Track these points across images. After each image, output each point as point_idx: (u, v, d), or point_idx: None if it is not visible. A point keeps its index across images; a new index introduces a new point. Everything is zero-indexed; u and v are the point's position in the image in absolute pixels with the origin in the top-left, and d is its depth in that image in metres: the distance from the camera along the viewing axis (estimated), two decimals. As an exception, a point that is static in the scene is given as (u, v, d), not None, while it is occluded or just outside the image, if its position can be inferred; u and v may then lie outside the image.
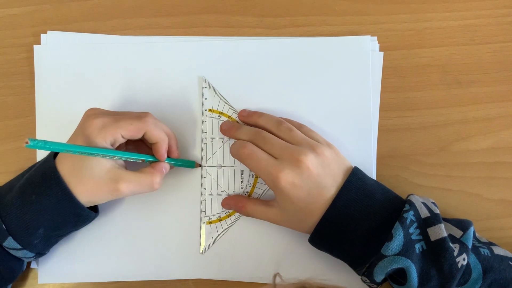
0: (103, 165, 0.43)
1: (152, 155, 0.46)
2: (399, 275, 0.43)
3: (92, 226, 0.49)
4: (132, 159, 0.45)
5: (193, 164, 0.50)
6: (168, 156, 0.47)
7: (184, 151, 0.51)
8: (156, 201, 0.51)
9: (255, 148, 0.45)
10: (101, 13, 0.53)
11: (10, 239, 0.43)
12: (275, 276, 0.33)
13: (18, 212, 0.43)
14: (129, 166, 0.46)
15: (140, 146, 0.49)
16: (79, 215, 0.45)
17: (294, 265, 0.50)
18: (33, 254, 0.45)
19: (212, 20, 0.53)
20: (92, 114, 0.44)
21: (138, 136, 0.45)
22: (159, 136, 0.45)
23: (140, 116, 0.45)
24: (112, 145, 0.44)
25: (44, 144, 0.39)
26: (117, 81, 0.52)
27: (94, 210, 0.47)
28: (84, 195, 0.44)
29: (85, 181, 0.43)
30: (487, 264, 0.43)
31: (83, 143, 0.43)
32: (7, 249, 0.44)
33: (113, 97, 0.51)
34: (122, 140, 0.44)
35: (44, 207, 0.43)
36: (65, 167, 0.43)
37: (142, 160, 0.46)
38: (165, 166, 0.46)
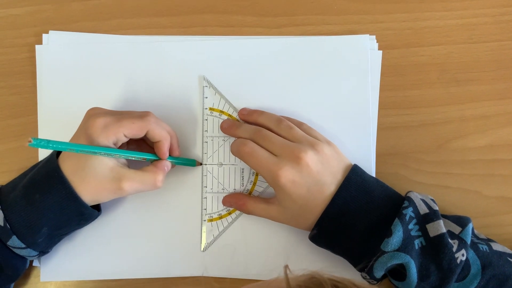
0: (106, 164, 0.44)
1: (154, 153, 0.47)
2: (399, 271, 0.43)
3: (94, 224, 0.49)
4: (135, 157, 0.45)
5: (194, 163, 0.51)
6: (169, 155, 0.47)
7: (185, 150, 0.51)
8: (158, 200, 0.51)
9: (255, 146, 0.46)
10: (102, 13, 0.53)
11: (14, 238, 0.43)
12: (286, 267, 0.33)
13: (22, 212, 0.43)
14: (131, 165, 0.47)
15: (141, 145, 0.49)
16: (83, 214, 0.45)
17: (295, 262, 0.50)
18: (36, 253, 0.46)
19: (212, 20, 0.53)
20: (94, 113, 0.45)
21: (140, 135, 0.45)
22: (161, 135, 0.46)
23: (142, 115, 0.45)
24: (114, 144, 0.44)
25: (47, 143, 0.39)
26: (118, 81, 0.52)
27: (97, 209, 0.47)
28: (88, 194, 0.44)
29: (89, 180, 0.43)
30: (486, 260, 0.43)
31: (85, 143, 0.43)
32: (11, 248, 0.44)
33: (115, 96, 0.52)
34: (125, 139, 0.45)
35: (48, 206, 0.43)
36: (68, 166, 0.44)
37: (144, 158, 0.46)
38: (167, 164, 0.47)
